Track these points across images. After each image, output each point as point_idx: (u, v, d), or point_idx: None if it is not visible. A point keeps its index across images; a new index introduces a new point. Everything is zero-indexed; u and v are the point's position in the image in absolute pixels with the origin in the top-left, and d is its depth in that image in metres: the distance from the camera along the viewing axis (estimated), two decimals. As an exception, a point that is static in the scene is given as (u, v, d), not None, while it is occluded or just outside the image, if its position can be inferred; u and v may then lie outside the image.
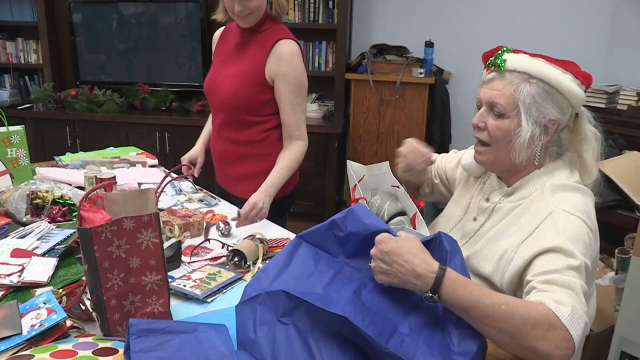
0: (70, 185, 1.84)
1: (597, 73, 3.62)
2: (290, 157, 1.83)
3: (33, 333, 1.03)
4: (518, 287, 1.13)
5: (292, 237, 1.65)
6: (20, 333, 1.03)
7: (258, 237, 1.51)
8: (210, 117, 2.08)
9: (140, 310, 1.10)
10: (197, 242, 1.58)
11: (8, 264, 1.36)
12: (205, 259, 1.50)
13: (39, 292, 1.24)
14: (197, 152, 2.10)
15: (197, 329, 0.97)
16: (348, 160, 1.48)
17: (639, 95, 3.30)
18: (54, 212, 1.67)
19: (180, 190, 2.03)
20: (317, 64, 4.03)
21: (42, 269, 1.34)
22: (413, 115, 3.75)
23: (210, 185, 2.12)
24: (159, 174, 2.18)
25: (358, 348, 0.96)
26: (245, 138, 1.88)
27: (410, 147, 1.45)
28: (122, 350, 0.93)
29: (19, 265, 1.35)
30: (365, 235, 1.08)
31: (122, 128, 4.03)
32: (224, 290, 1.32)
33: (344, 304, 0.96)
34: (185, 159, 2.09)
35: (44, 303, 1.12)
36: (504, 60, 1.19)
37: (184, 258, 1.48)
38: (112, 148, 2.56)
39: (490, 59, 1.22)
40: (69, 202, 1.71)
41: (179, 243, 1.46)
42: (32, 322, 1.06)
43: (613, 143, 3.12)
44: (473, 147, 1.30)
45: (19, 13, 4.34)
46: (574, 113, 1.22)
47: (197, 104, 4.07)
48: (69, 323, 1.08)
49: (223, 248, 1.55)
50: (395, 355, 0.91)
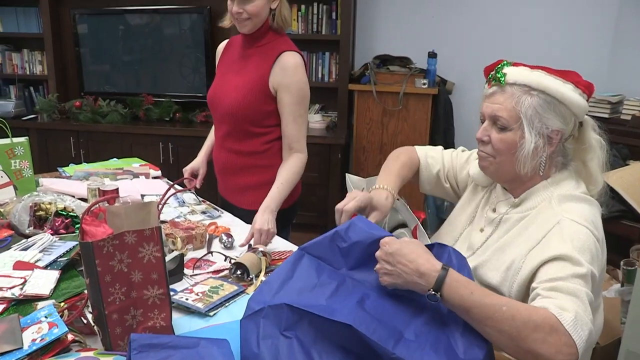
0: (74, 197, 1.84)
1: (600, 83, 3.64)
2: (291, 170, 1.83)
3: (34, 347, 1.02)
4: (526, 296, 1.12)
5: (295, 249, 1.65)
6: (21, 347, 1.03)
7: (261, 249, 1.50)
8: (213, 128, 2.08)
9: (142, 325, 1.09)
10: (199, 254, 1.58)
11: (10, 277, 1.36)
12: (208, 272, 1.49)
13: (41, 305, 1.24)
14: (199, 163, 2.10)
15: (198, 344, 0.96)
16: (347, 174, 1.48)
17: (643, 106, 3.29)
18: (57, 224, 1.67)
19: (183, 202, 2.03)
20: (320, 75, 4.04)
21: (44, 282, 1.34)
22: (416, 126, 3.75)
23: (213, 197, 2.11)
24: (162, 186, 2.18)
25: None
26: (249, 149, 1.88)
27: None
28: (123, 365, 0.92)
29: (21, 278, 1.34)
30: (369, 244, 1.09)
31: (125, 139, 4.04)
32: (227, 304, 1.31)
33: (348, 313, 0.96)
34: (187, 170, 2.09)
35: (46, 317, 1.11)
36: (504, 74, 1.20)
37: (187, 271, 1.48)
38: (115, 159, 2.57)
39: (491, 73, 1.23)
40: (72, 214, 1.71)
41: (182, 256, 1.45)
42: (33, 336, 1.06)
43: (617, 153, 3.11)
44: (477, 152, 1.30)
45: (25, 25, 4.38)
46: (578, 122, 1.22)
47: (200, 115, 4.08)
48: (71, 337, 1.07)
49: (226, 261, 1.55)
50: None
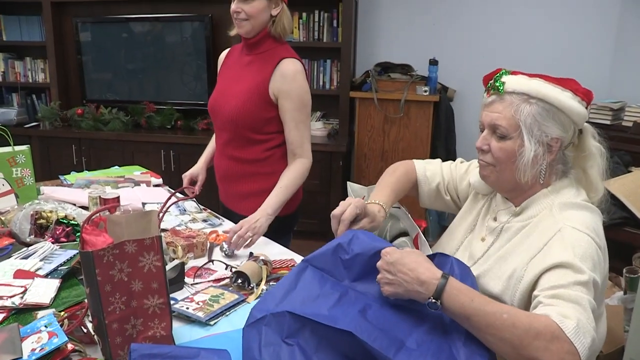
0: (75, 205, 1.84)
1: (602, 90, 3.65)
2: (292, 175, 1.83)
3: (34, 357, 1.02)
4: (529, 304, 1.12)
5: (296, 257, 1.65)
6: (21, 357, 1.02)
7: (262, 258, 1.50)
8: (214, 136, 2.09)
9: (142, 334, 1.09)
10: (200, 263, 1.57)
11: (10, 285, 1.35)
12: (209, 281, 1.49)
13: (41, 314, 1.23)
14: (198, 169, 2.11)
15: (199, 355, 0.96)
16: (348, 182, 1.48)
17: (645, 112, 3.29)
18: (58, 232, 1.66)
19: (185, 210, 2.02)
20: (321, 83, 4.04)
21: (44, 291, 1.34)
22: (418, 133, 3.75)
23: (215, 205, 2.11)
24: (163, 194, 2.18)
25: None
26: (250, 156, 1.88)
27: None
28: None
29: (22, 287, 1.34)
30: (371, 256, 1.10)
31: (127, 146, 4.05)
32: (227, 313, 1.31)
33: (349, 321, 0.97)
34: (187, 176, 2.10)
35: (45, 326, 1.11)
36: (503, 83, 1.20)
37: (187, 279, 1.47)
38: (116, 167, 2.57)
39: (490, 82, 1.23)
40: (73, 222, 1.71)
41: (182, 264, 1.45)
42: (32, 345, 1.05)
43: (619, 160, 3.10)
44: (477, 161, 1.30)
45: (28, 33, 4.41)
46: (578, 129, 1.22)
47: (202, 122, 4.09)
48: (70, 347, 1.07)
49: (227, 269, 1.54)
50: None
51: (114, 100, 4.31)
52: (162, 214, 1.16)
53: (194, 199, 2.08)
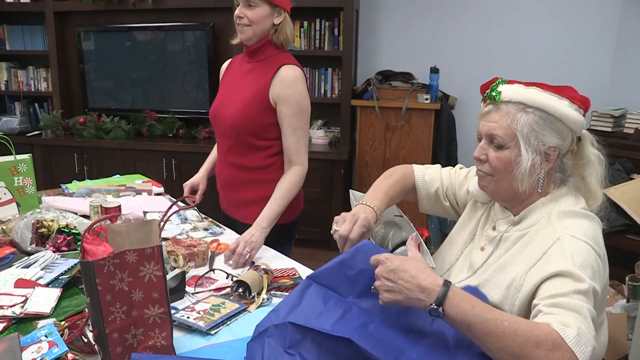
0: (76, 214, 1.85)
1: (602, 97, 3.65)
2: (286, 186, 1.83)
3: (34, 367, 1.02)
4: (528, 314, 1.11)
5: (297, 266, 1.64)
6: (21, 367, 1.02)
7: (263, 267, 1.49)
8: (214, 150, 2.12)
9: (143, 344, 1.08)
10: (201, 272, 1.57)
11: (11, 295, 1.35)
12: (210, 290, 1.48)
13: (42, 324, 1.23)
14: (199, 178, 2.12)
15: (199, 364, 0.95)
16: (351, 190, 1.48)
17: (646, 120, 3.29)
18: (59, 241, 1.66)
19: (186, 219, 2.02)
20: (323, 91, 4.05)
21: (45, 300, 1.33)
22: (419, 141, 3.76)
23: (217, 214, 2.11)
24: (165, 203, 2.18)
25: None
26: (252, 164, 1.89)
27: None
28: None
29: (22, 296, 1.34)
30: (375, 271, 1.09)
31: (129, 155, 4.06)
32: (228, 322, 1.30)
33: (349, 331, 0.98)
34: (187, 185, 2.10)
35: (46, 336, 1.11)
36: (499, 92, 1.20)
37: (188, 288, 1.47)
38: (118, 176, 2.58)
39: (486, 92, 1.23)
40: (74, 231, 1.71)
41: (183, 273, 1.45)
42: (33, 355, 1.05)
43: (620, 167, 3.10)
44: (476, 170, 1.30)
45: (31, 42, 4.44)
46: (576, 137, 1.22)
47: (203, 131, 4.10)
48: (71, 357, 1.07)
49: (227, 278, 1.54)
50: None
51: (116, 109, 4.33)
52: (163, 223, 1.16)
53: (195, 208, 2.08)
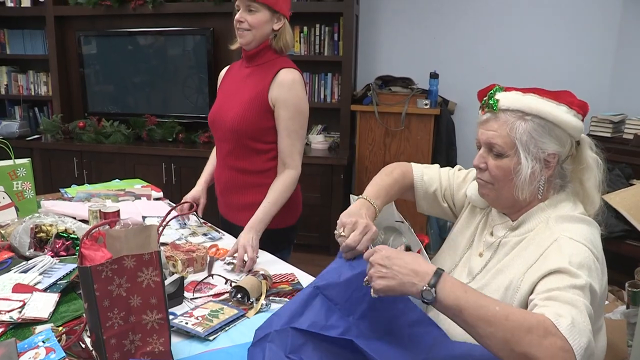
0: (75, 219, 1.84)
1: (602, 102, 3.65)
2: (279, 189, 1.83)
3: (31, 373, 1.01)
4: None
5: (296, 272, 1.64)
6: (18, 373, 1.02)
7: (261, 273, 1.49)
8: (211, 157, 2.12)
9: (141, 350, 1.08)
10: (200, 277, 1.57)
11: (9, 300, 1.35)
12: (208, 295, 1.48)
13: (39, 329, 1.23)
14: (199, 192, 2.07)
15: (197, 371, 0.95)
16: (352, 195, 1.47)
17: (645, 125, 3.29)
18: (58, 246, 1.66)
19: (185, 224, 2.02)
20: (322, 96, 4.06)
21: (43, 305, 1.33)
22: (419, 146, 3.76)
23: (215, 219, 2.11)
24: (164, 207, 2.17)
25: None
26: (252, 167, 1.89)
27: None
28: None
29: (20, 301, 1.34)
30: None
31: (128, 159, 4.06)
32: (227, 328, 1.30)
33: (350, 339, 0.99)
34: (188, 199, 2.08)
35: (43, 342, 1.10)
36: (497, 100, 1.19)
37: (187, 294, 1.46)
38: (117, 180, 2.57)
39: (484, 99, 1.22)
40: (73, 236, 1.70)
41: (182, 279, 1.44)
42: (30, 361, 1.05)
43: (620, 172, 3.10)
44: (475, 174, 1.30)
45: (32, 47, 4.45)
46: (575, 142, 1.22)
47: (203, 136, 4.10)
48: (68, 363, 1.06)
49: (226, 284, 1.54)
50: None
51: (116, 113, 4.33)
52: (161, 229, 1.16)
53: (195, 212, 2.07)
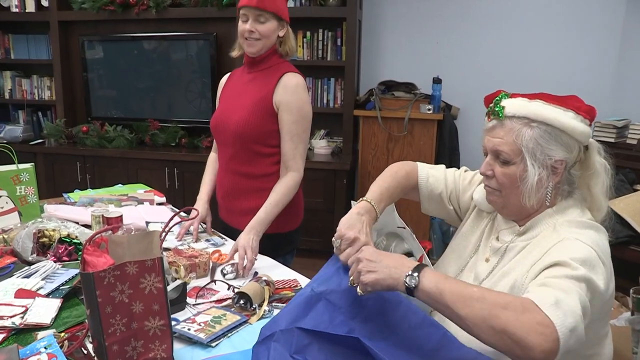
0: (77, 224, 1.84)
1: (605, 108, 3.64)
2: (282, 191, 1.84)
3: (33, 380, 1.01)
4: None
5: (299, 277, 1.63)
6: (20, 380, 1.01)
7: (264, 279, 1.49)
8: (208, 167, 2.12)
9: (143, 356, 1.08)
10: (202, 283, 1.56)
11: (11, 305, 1.35)
12: (211, 301, 1.47)
13: (41, 335, 1.22)
14: (204, 212, 2.01)
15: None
16: (353, 202, 1.47)
17: (649, 130, 3.28)
18: (60, 251, 1.66)
19: (187, 230, 2.01)
20: (325, 101, 4.06)
21: (45, 311, 1.33)
22: (422, 151, 3.75)
23: (217, 224, 2.10)
24: (167, 212, 2.17)
25: None
26: (257, 171, 1.89)
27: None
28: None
29: (22, 307, 1.33)
30: (385, 298, 1.12)
31: (131, 164, 4.06)
32: (229, 334, 1.29)
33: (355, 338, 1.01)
34: (195, 223, 2.04)
35: (45, 348, 1.10)
36: (503, 107, 1.19)
37: (189, 300, 1.46)
38: (120, 185, 2.57)
39: (490, 107, 1.22)
40: (76, 241, 1.70)
41: (184, 284, 1.44)
42: (32, 368, 1.04)
43: (624, 178, 3.09)
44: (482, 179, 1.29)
45: (36, 51, 4.46)
46: (583, 147, 1.21)
47: (206, 140, 4.10)
48: (70, 369, 1.06)
49: (229, 290, 1.53)
50: None
51: (119, 118, 4.34)
52: (164, 234, 1.16)
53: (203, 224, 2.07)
